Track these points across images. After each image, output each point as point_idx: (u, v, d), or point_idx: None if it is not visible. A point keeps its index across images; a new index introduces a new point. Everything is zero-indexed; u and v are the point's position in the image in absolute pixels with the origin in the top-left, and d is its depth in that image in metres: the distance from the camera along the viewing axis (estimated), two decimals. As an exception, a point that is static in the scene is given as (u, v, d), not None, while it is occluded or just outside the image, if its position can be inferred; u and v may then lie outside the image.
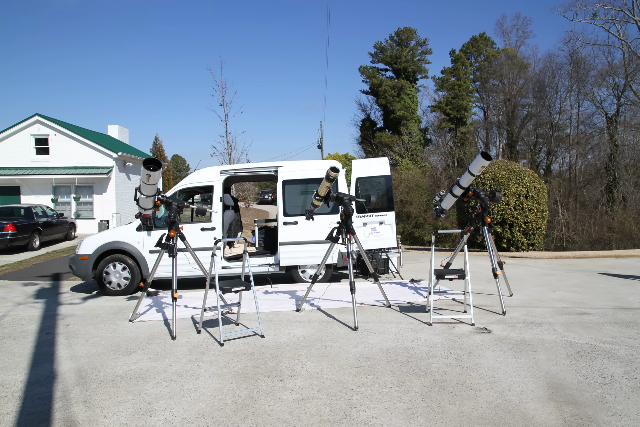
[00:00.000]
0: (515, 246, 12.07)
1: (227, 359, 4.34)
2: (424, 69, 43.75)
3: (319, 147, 38.03)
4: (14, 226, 13.51)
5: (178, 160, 74.91)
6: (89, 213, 21.42)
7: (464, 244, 5.62)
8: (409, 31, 42.86)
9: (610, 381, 3.62)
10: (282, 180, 7.83)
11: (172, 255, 5.39)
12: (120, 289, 7.51)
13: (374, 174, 8.35)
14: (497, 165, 12.34)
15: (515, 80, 35.41)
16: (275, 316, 5.89)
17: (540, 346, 4.47)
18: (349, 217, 5.74)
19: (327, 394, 3.50)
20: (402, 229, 26.39)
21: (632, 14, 26.23)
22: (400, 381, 3.73)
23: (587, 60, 31.08)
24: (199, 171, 8.06)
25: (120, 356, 4.52)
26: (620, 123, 28.50)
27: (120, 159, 21.91)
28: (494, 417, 3.10)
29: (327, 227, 7.18)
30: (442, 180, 31.15)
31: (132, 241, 7.50)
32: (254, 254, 7.98)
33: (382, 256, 8.32)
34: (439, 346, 4.53)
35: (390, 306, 6.20)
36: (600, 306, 6.02)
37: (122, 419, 3.19)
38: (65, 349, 4.77)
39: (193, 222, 7.98)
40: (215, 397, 3.50)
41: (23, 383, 3.90)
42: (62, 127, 21.46)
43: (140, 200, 5.66)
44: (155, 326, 5.58)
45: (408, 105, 40.61)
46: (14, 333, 5.44)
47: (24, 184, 21.17)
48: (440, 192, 6.70)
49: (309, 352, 4.45)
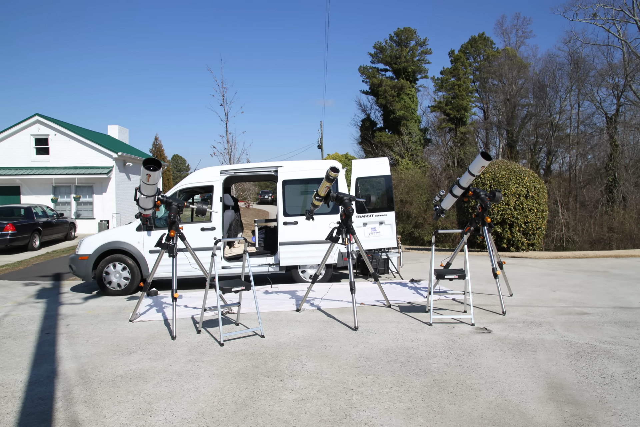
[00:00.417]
0: (515, 246, 12.07)
1: (227, 359, 4.34)
2: (424, 69, 43.84)
3: (319, 147, 38.09)
4: (14, 225, 13.52)
5: (178, 160, 74.91)
6: (89, 213, 21.42)
7: (464, 244, 5.62)
8: (409, 31, 42.89)
9: (610, 381, 3.62)
10: (282, 180, 7.83)
11: (172, 255, 5.40)
12: (120, 289, 7.52)
13: (374, 174, 8.36)
14: (497, 165, 12.34)
15: (515, 80, 35.40)
16: (275, 315, 5.89)
17: (540, 346, 4.47)
18: (349, 217, 5.74)
19: (327, 394, 3.51)
20: (402, 229, 26.40)
21: (632, 14, 26.26)
22: (400, 381, 3.73)
23: (587, 61, 31.12)
24: (199, 171, 8.06)
25: (120, 355, 4.52)
26: (620, 123, 28.51)
27: (120, 159, 21.92)
28: (494, 417, 3.10)
29: (327, 227, 7.18)
30: (442, 180, 31.15)
31: (132, 240, 7.50)
32: (254, 254, 7.98)
33: (382, 256, 8.32)
34: (439, 346, 4.53)
35: (391, 305, 6.20)
36: (600, 305, 6.02)
37: (122, 419, 3.19)
38: (65, 349, 4.77)
39: (193, 222, 7.98)
40: (215, 397, 3.50)
41: (23, 383, 3.91)
42: (62, 127, 21.46)
43: (140, 200, 5.66)
44: (155, 326, 5.58)
45: (408, 105, 40.64)
46: (14, 333, 5.44)
47: (24, 184, 21.18)
48: (440, 192, 6.70)
49: (309, 352, 4.45)
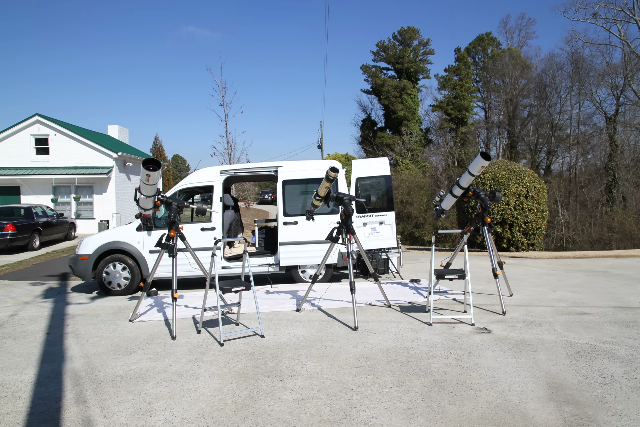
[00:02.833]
0: (515, 246, 12.07)
1: (227, 359, 4.34)
2: (426, 69, 43.85)
3: (319, 147, 38.08)
4: (14, 226, 13.52)
5: (178, 160, 74.93)
6: (89, 213, 21.42)
7: (464, 244, 5.62)
8: (412, 31, 42.90)
9: (610, 381, 3.62)
10: (282, 181, 7.83)
11: (172, 255, 5.40)
12: (121, 289, 7.52)
13: (374, 174, 8.35)
14: (497, 165, 12.34)
15: (517, 80, 35.40)
16: (276, 315, 5.88)
17: (540, 346, 4.47)
18: (349, 217, 5.74)
19: (327, 394, 3.50)
20: (402, 229, 26.41)
21: (632, 14, 26.27)
22: (400, 381, 3.73)
23: (587, 61, 31.12)
24: (199, 171, 8.05)
25: (120, 356, 4.52)
26: (619, 123, 28.50)
27: (120, 159, 21.92)
28: (494, 417, 3.10)
29: (327, 227, 7.18)
30: (443, 181, 31.15)
31: (132, 241, 7.50)
32: (254, 254, 7.98)
33: (382, 256, 8.32)
34: (439, 346, 4.53)
35: (391, 305, 6.20)
36: (600, 305, 6.02)
37: (122, 419, 3.19)
38: (66, 349, 4.77)
39: (193, 222, 7.97)
40: (215, 397, 3.50)
41: (23, 383, 3.91)
42: (62, 127, 21.46)
43: (140, 200, 5.66)
44: (155, 326, 5.58)
45: (409, 106, 40.66)
46: (14, 333, 5.44)
47: (24, 184, 21.18)
48: (440, 192, 6.71)
49: (309, 352, 4.45)
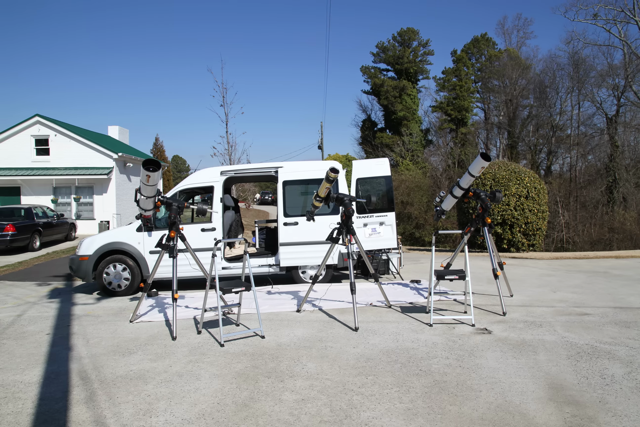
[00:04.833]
0: (515, 247, 12.07)
1: (227, 359, 4.34)
2: (426, 69, 43.85)
3: (319, 148, 38.06)
4: (14, 226, 13.53)
5: (178, 160, 74.93)
6: (89, 214, 21.43)
7: (465, 244, 5.62)
8: (412, 32, 42.91)
9: (610, 382, 3.62)
10: (283, 181, 7.83)
11: (172, 256, 5.40)
12: (121, 289, 7.52)
13: (374, 174, 8.36)
14: (498, 166, 12.34)
15: (516, 81, 35.39)
16: (276, 316, 5.88)
17: (540, 347, 4.46)
18: (349, 218, 5.74)
19: (327, 395, 3.50)
20: (402, 229, 26.37)
21: (632, 15, 26.25)
22: (401, 381, 3.73)
23: (587, 61, 31.10)
24: (200, 172, 8.06)
25: (120, 356, 4.52)
26: (620, 124, 28.49)
27: (121, 159, 21.93)
28: (495, 417, 3.10)
29: (327, 228, 7.17)
30: (443, 181, 31.10)
31: (132, 241, 7.50)
32: (254, 255, 7.98)
33: (383, 257, 8.32)
34: (439, 347, 4.53)
35: (391, 306, 6.20)
36: (600, 306, 6.01)
37: (122, 420, 3.19)
38: (66, 350, 4.77)
39: (193, 223, 7.98)
40: (216, 398, 3.50)
41: (23, 384, 3.91)
42: (62, 128, 21.48)
43: (140, 201, 5.66)
44: (156, 327, 5.58)
45: (409, 106, 40.66)
46: (14, 334, 5.45)
47: (24, 185, 21.19)
48: (440, 193, 6.71)
49: (309, 353, 4.45)
